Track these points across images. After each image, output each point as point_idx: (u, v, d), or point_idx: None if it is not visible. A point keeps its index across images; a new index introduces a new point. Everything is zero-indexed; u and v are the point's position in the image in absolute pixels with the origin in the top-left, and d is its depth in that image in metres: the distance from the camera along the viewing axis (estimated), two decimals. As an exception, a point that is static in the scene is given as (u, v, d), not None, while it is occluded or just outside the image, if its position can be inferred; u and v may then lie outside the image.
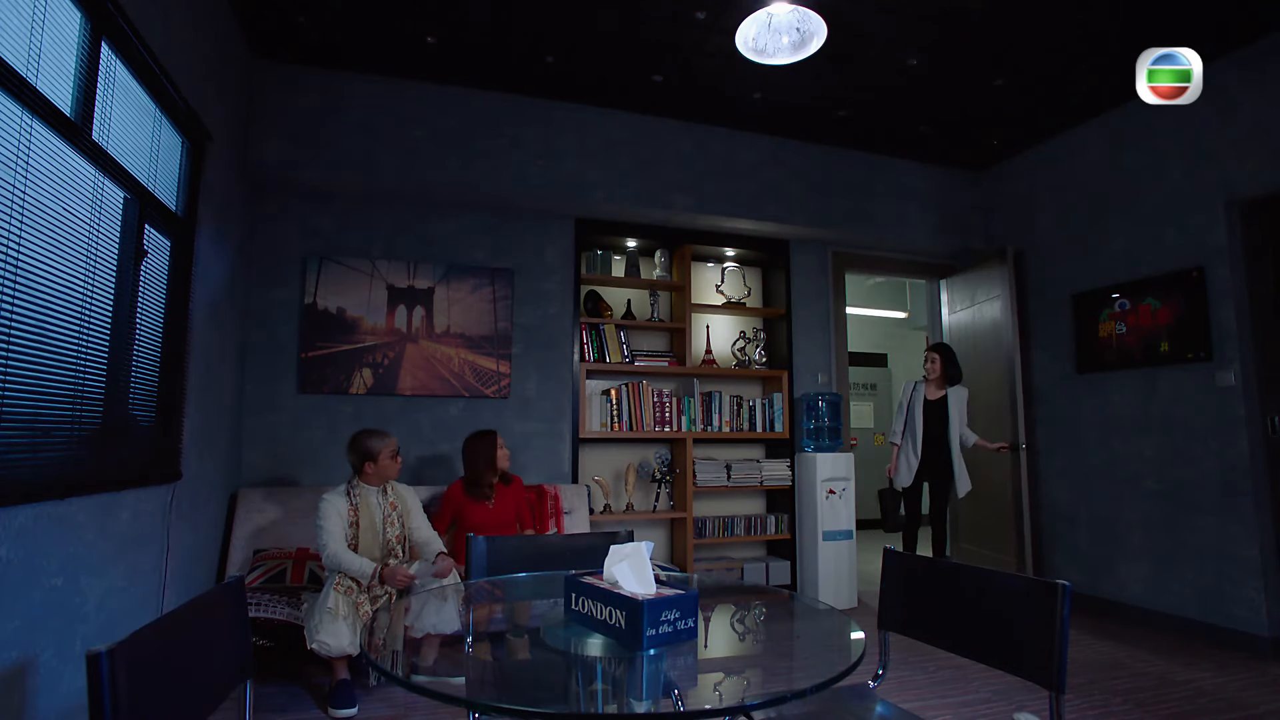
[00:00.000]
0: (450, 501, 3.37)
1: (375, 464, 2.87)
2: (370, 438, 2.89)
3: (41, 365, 1.78)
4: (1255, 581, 3.42)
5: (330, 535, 2.73)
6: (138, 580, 2.33)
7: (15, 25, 1.62)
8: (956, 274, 5.16)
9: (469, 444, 3.44)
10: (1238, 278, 3.61)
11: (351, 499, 2.85)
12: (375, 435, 2.91)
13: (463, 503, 3.36)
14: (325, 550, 2.73)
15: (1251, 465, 3.47)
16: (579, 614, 1.31)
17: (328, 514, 2.76)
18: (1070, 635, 1.30)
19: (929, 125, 4.45)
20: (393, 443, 2.95)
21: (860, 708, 1.63)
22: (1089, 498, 4.28)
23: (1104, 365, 4.21)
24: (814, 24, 2.65)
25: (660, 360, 4.49)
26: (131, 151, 2.28)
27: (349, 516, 2.81)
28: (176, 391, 2.71)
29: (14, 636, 1.61)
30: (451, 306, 4.08)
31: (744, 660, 1.46)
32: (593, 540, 2.07)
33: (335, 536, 2.73)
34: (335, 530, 2.75)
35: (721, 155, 4.46)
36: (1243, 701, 2.79)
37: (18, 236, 1.63)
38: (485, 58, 3.68)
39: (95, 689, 0.85)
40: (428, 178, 3.86)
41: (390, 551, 2.87)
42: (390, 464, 2.91)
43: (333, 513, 2.77)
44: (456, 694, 1.08)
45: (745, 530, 4.49)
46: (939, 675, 3.04)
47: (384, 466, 2.89)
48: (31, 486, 1.70)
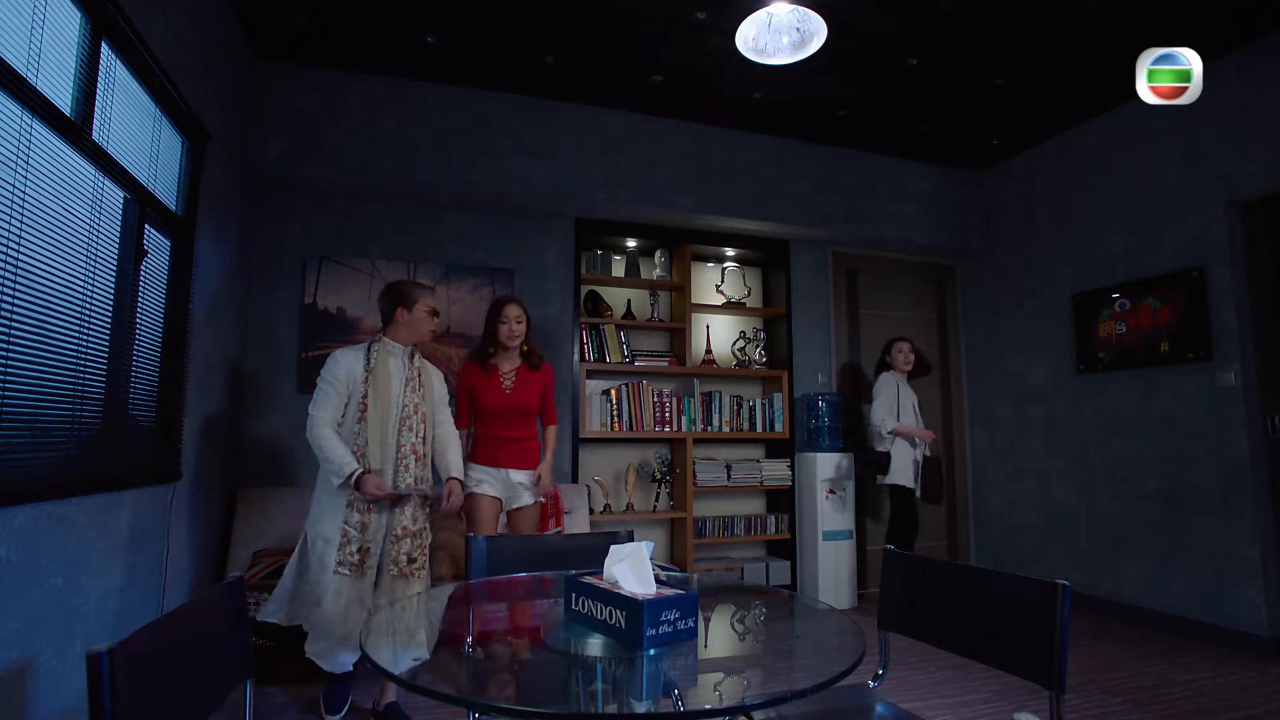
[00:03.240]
0: (463, 378, 3.02)
1: (410, 312, 2.49)
2: (407, 284, 2.55)
3: (41, 365, 1.78)
4: (1255, 581, 3.42)
5: (320, 403, 2.36)
6: (138, 580, 2.33)
7: (15, 25, 1.62)
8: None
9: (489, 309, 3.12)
10: (1238, 277, 3.61)
11: (369, 357, 2.44)
12: (414, 283, 2.57)
13: (474, 380, 2.99)
14: (311, 418, 2.36)
15: (1251, 465, 3.47)
16: (579, 614, 1.31)
17: (333, 375, 2.40)
18: (1070, 635, 1.30)
19: (929, 125, 4.45)
20: (432, 298, 2.58)
21: (860, 708, 1.63)
22: (1089, 498, 4.28)
23: (1104, 365, 4.21)
24: (814, 24, 2.65)
25: (660, 360, 4.49)
26: (131, 151, 2.28)
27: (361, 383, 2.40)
28: (176, 391, 2.71)
29: (14, 636, 1.61)
30: (451, 306, 4.08)
31: (744, 660, 1.46)
32: (593, 540, 2.07)
33: (325, 406, 2.36)
34: (330, 397, 2.37)
35: (721, 155, 4.46)
36: (1242, 701, 2.79)
37: (18, 236, 1.63)
38: (485, 58, 3.68)
39: (95, 689, 0.85)
40: (428, 178, 3.86)
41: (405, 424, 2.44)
42: (425, 319, 2.53)
43: (340, 374, 2.40)
44: (456, 694, 1.08)
45: (745, 530, 4.49)
46: (939, 675, 3.04)
47: (418, 320, 2.51)
48: (31, 486, 1.70)
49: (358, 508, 2.36)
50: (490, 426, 2.98)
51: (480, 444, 2.99)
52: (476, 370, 2.99)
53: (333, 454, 2.32)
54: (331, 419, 2.40)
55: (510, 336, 2.97)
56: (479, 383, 2.97)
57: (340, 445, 2.34)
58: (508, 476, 2.98)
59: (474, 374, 2.99)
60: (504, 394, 2.97)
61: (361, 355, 2.45)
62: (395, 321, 2.50)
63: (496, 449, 2.97)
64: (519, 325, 2.98)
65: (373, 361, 2.43)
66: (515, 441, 2.99)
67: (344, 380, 2.41)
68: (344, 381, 2.41)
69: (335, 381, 2.40)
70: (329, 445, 2.33)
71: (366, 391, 2.41)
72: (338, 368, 2.41)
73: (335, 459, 2.32)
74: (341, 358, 2.43)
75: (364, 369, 2.43)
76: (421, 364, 2.58)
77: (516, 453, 2.99)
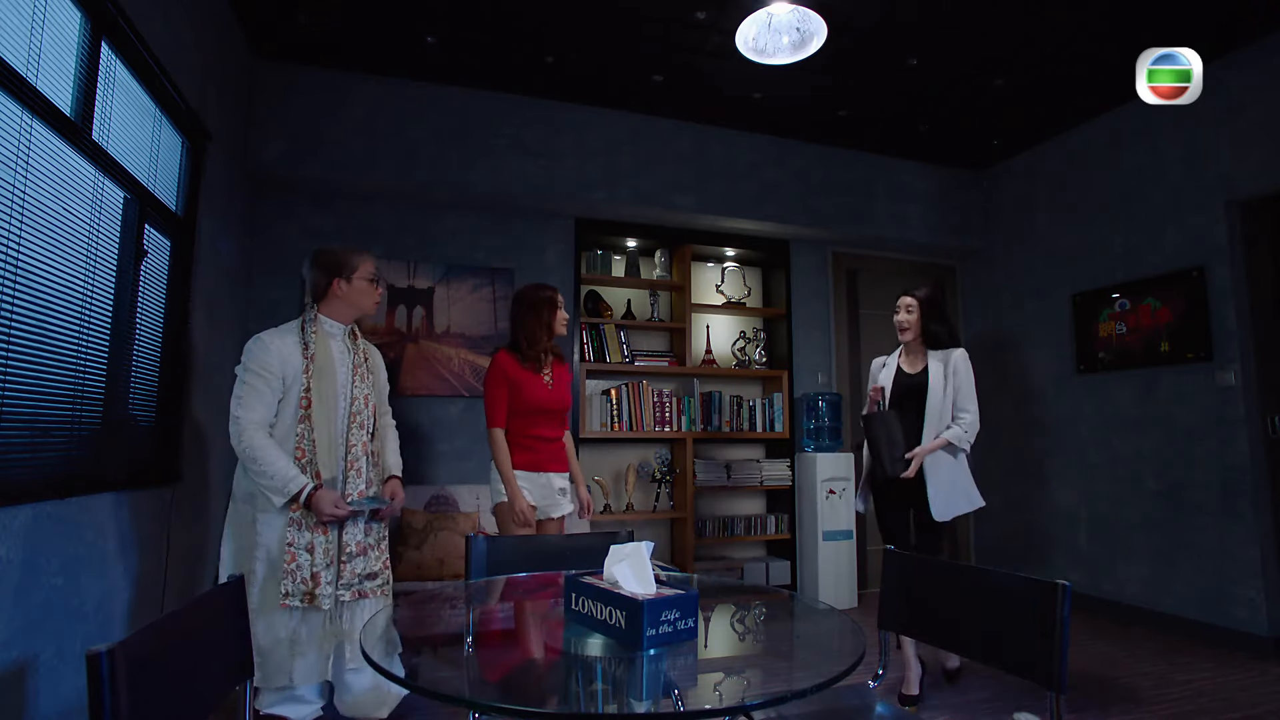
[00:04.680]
0: (500, 374, 2.62)
1: (349, 284, 2.08)
2: (341, 250, 2.13)
3: (41, 365, 1.78)
4: (1255, 581, 3.42)
5: (248, 403, 1.88)
6: (138, 580, 2.32)
7: (15, 25, 1.62)
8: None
9: (523, 297, 2.73)
10: (1238, 277, 3.61)
11: (305, 338, 2.00)
12: (349, 249, 2.14)
13: (517, 375, 2.63)
14: (238, 421, 1.88)
15: (1251, 465, 3.47)
16: (579, 614, 1.31)
17: (263, 365, 1.91)
18: (1070, 635, 1.30)
19: (929, 125, 4.45)
20: (372, 263, 2.15)
21: (860, 708, 1.63)
22: (1089, 498, 4.28)
23: (1104, 365, 4.21)
24: (814, 24, 2.65)
25: (660, 360, 4.49)
26: (131, 151, 2.28)
27: (301, 373, 1.94)
28: (176, 391, 2.71)
29: (14, 636, 1.61)
30: (451, 306, 4.08)
31: (744, 660, 1.46)
32: (593, 540, 2.06)
33: (255, 406, 1.88)
34: (261, 393, 1.90)
35: (721, 155, 4.46)
36: (1242, 701, 2.79)
37: (18, 236, 1.63)
38: (485, 58, 3.68)
39: (95, 689, 0.85)
40: (428, 178, 3.86)
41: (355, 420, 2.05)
42: (368, 289, 2.12)
43: (272, 363, 1.92)
44: (456, 694, 1.08)
45: (745, 530, 4.49)
46: (939, 675, 3.04)
47: (359, 291, 2.10)
48: (31, 486, 1.70)
49: (305, 525, 1.95)
50: (531, 426, 2.68)
51: (519, 447, 2.65)
52: (517, 365, 2.66)
53: (272, 466, 1.88)
54: (264, 420, 1.96)
55: (563, 327, 2.75)
56: (522, 378, 2.64)
57: (280, 455, 1.92)
58: (549, 481, 2.74)
59: (514, 368, 2.64)
60: (547, 390, 2.68)
61: (295, 338, 2.02)
62: (332, 295, 2.10)
63: (539, 451, 2.70)
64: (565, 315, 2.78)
65: (311, 346, 2.00)
66: (554, 442, 2.77)
67: (278, 370, 1.96)
68: (278, 372, 1.96)
69: (267, 373, 1.95)
70: (266, 456, 1.89)
71: (309, 384, 1.98)
72: (268, 355, 1.95)
73: (277, 473, 1.88)
74: (271, 342, 1.98)
75: (302, 355, 2.00)
76: (365, 346, 2.22)
77: (557, 454, 2.78)
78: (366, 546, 2.11)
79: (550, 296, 2.72)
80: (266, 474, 1.90)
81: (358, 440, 2.08)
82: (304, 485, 1.91)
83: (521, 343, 2.69)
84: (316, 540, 1.96)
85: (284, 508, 1.96)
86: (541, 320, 2.68)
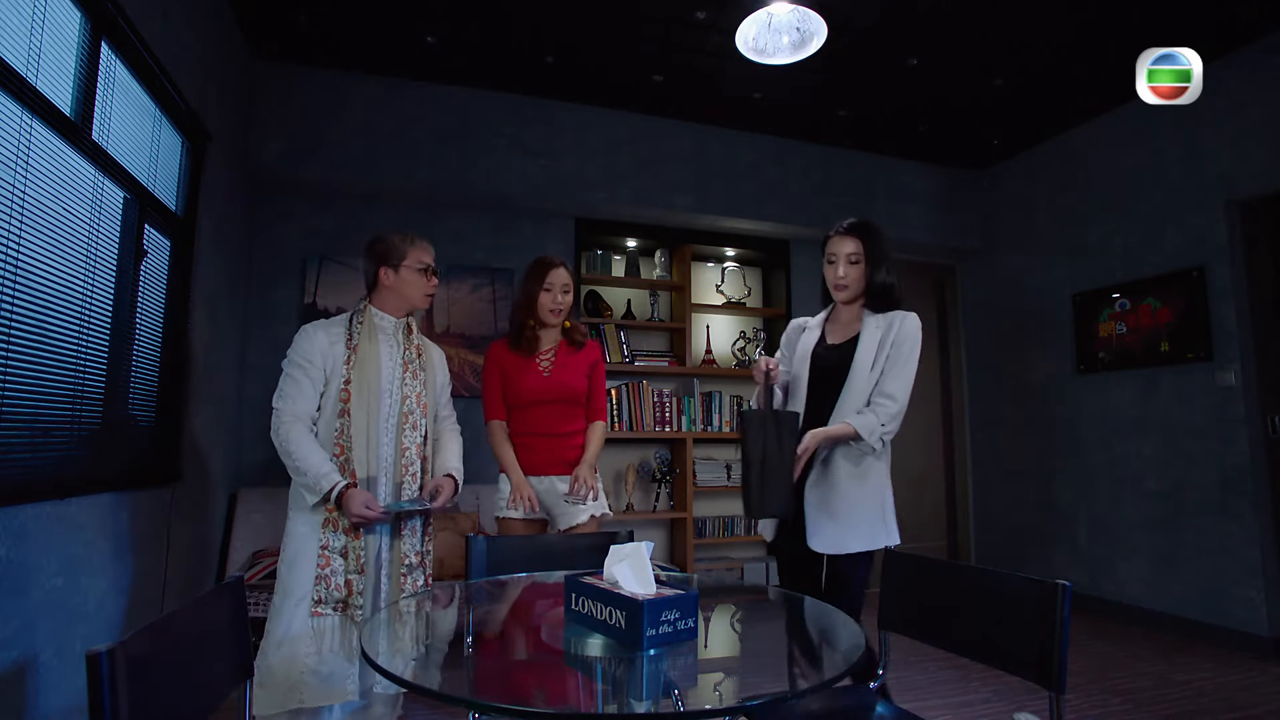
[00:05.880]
0: (489, 364, 2.39)
1: (396, 273, 1.96)
2: (393, 236, 1.99)
3: (41, 365, 1.78)
4: (1255, 581, 3.42)
5: (288, 394, 1.84)
6: (138, 580, 2.32)
7: (15, 25, 1.62)
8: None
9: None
10: (1238, 277, 3.61)
11: (351, 332, 1.92)
12: (402, 235, 2.00)
13: (506, 362, 2.36)
14: (278, 413, 1.83)
15: (1251, 465, 3.47)
16: (579, 614, 1.30)
17: (305, 355, 1.85)
18: (1070, 635, 1.30)
19: (929, 125, 4.45)
20: (428, 251, 2.01)
21: (860, 708, 1.63)
22: (1089, 498, 4.28)
23: (1104, 365, 4.21)
24: (814, 24, 2.65)
25: (660, 360, 4.49)
26: (131, 151, 2.28)
27: (342, 364, 1.87)
28: (176, 391, 2.71)
29: (14, 636, 1.61)
30: (451, 306, 4.08)
31: (744, 660, 1.46)
32: (593, 540, 2.06)
33: (294, 397, 1.83)
34: (301, 384, 1.84)
35: (721, 155, 4.46)
36: (1242, 701, 2.79)
37: (18, 236, 1.63)
38: (485, 58, 3.68)
39: (95, 689, 0.85)
40: (428, 178, 3.86)
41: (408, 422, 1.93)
42: (417, 280, 1.98)
43: (314, 354, 1.86)
44: (456, 694, 1.08)
45: (745, 530, 4.48)
46: (939, 675, 3.04)
47: (407, 281, 1.97)
48: (31, 486, 1.70)
49: (341, 528, 1.85)
50: (527, 421, 2.34)
51: (515, 446, 2.35)
52: (505, 350, 2.38)
53: (305, 461, 1.80)
54: (306, 414, 1.88)
55: (554, 310, 2.34)
56: (509, 365, 2.35)
57: (316, 450, 1.83)
58: (552, 486, 2.33)
59: (504, 355, 2.38)
60: (540, 377, 2.32)
61: (341, 330, 1.93)
62: (380, 285, 1.98)
63: (536, 451, 2.33)
64: (565, 296, 2.35)
65: (355, 338, 1.91)
66: (557, 438, 2.34)
67: (319, 361, 1.88)
68: (319, 363, 1.88)
69: (308, 363, 1.87)
70: (300, 450, 1.81)
71: (349, 376, 1.88)
72: (310, 346, 1.87)
73: (310, 469, 1.79)
74: (315, 333, 1.90)
75: (345, 347, 1.91)
76: (421, 341, 2.08)
77: (559, 453, 2.34)
78: (418, 566, 1.97)
79: (541, 267, 2.34)
80: (299, 469, 1.81)
81: (411, 442, 1.94)
82: (336, 483, 1.80)
83: (511, 327, 2.42)
84: (350, 545, 1.85)
85: (316, 506, 1.85)
86: (530, 295, 2.34)
